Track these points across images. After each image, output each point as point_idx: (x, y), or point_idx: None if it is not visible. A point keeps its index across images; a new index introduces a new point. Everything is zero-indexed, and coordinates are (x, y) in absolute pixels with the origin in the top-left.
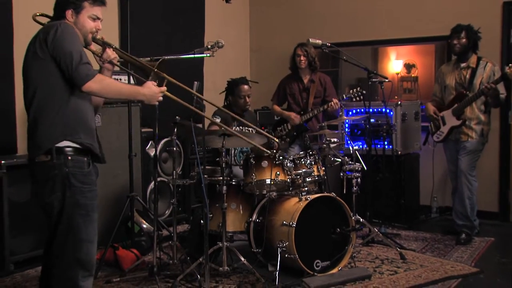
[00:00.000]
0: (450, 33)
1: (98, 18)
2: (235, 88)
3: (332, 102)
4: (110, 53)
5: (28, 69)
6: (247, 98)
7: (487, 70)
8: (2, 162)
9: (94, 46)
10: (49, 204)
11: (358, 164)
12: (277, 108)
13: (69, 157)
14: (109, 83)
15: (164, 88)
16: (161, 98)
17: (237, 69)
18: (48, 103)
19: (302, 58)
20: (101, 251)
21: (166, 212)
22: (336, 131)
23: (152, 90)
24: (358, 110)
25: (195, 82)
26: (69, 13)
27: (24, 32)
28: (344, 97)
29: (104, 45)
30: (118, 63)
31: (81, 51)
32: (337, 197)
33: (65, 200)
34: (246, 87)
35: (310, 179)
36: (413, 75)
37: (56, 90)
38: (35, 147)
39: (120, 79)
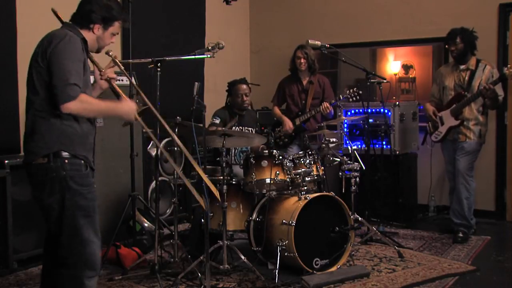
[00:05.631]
0: (446, 39)
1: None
2: (232, 87)
3: (323, 106)
4: (110, 74)
5: (31, 73)
6: (244, 96)
7: (486, 72)
8: (6, 161)
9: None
10: (49, 206)
11: (357, 163)
12: (277, 110)
13: (66, 160)
14: (88, 105)
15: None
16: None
17: (237, 70)
18: (46, 111)
19: (302, 60)
20: (103, 249)
21: (167, 211)
22: (335, 131)
23: (130, 106)
24: (357, 110)
25: (196, 83)
26: (97, 28)
27: (27, 32)
28: (341, 97)
29: (112, 61)
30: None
31: (75, 69)
32: (336, 196)
33: (64, 202)
34: (243, 86)
35: (309, 178)
36: (411, 75)
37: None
38: (31, 153)
39: (122, 80)
